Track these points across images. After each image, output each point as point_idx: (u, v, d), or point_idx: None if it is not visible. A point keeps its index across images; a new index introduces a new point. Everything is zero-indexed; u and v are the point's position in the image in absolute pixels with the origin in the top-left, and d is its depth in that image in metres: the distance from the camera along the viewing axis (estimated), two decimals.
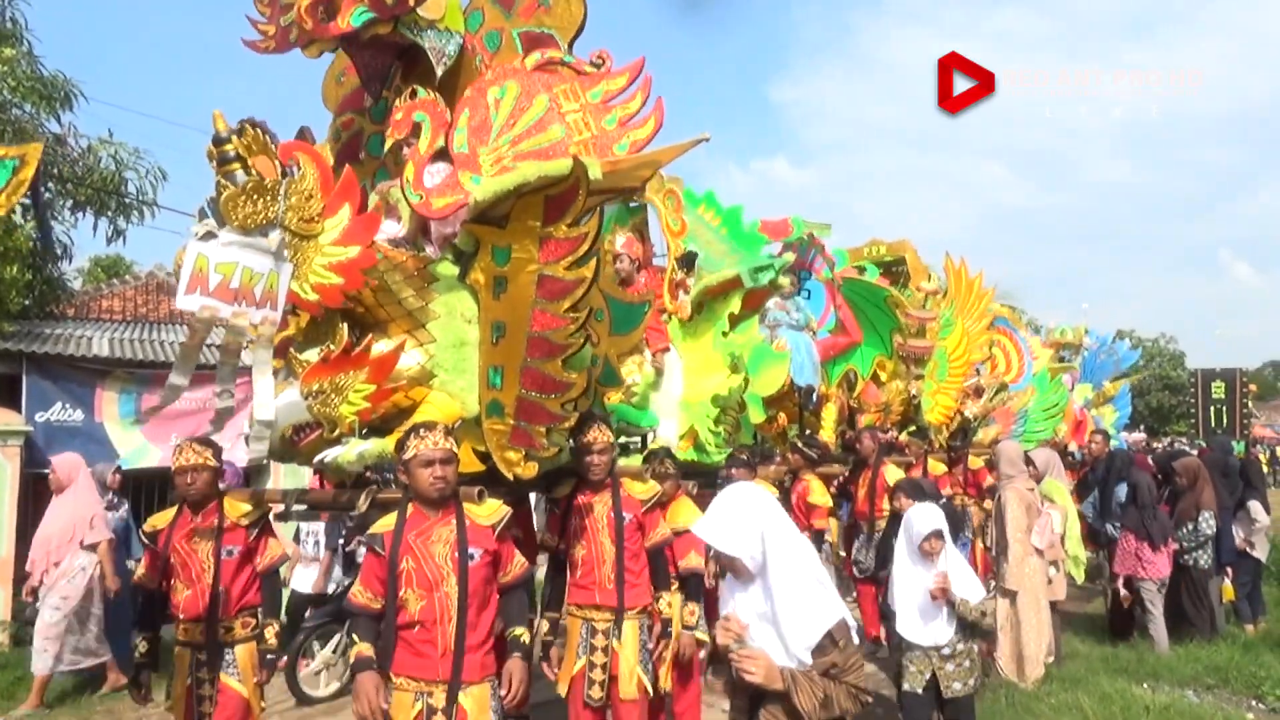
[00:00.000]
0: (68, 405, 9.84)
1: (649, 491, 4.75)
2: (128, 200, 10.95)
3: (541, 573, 5.14)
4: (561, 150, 3.68)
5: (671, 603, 4.85)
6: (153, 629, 4.57)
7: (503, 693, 3.51)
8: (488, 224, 3.81)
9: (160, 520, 4.58)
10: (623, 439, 5.93)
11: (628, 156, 3.71)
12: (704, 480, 6.71)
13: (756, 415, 6.82)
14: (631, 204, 6.82)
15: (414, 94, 3.97)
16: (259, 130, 3.69)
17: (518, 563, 3.68)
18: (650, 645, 4.67)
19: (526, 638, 3.61)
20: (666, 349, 6.30)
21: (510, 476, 3.98)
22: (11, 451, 9.09)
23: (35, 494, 8.59)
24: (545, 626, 4.66)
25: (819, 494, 7.19)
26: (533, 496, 5.71)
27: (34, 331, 10.17)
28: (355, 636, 3.47)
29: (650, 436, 6.06)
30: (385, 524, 3.51)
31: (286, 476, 9.81)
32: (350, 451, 3.67)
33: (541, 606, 4.81)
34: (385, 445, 3.71)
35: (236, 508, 4.50)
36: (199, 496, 4.44)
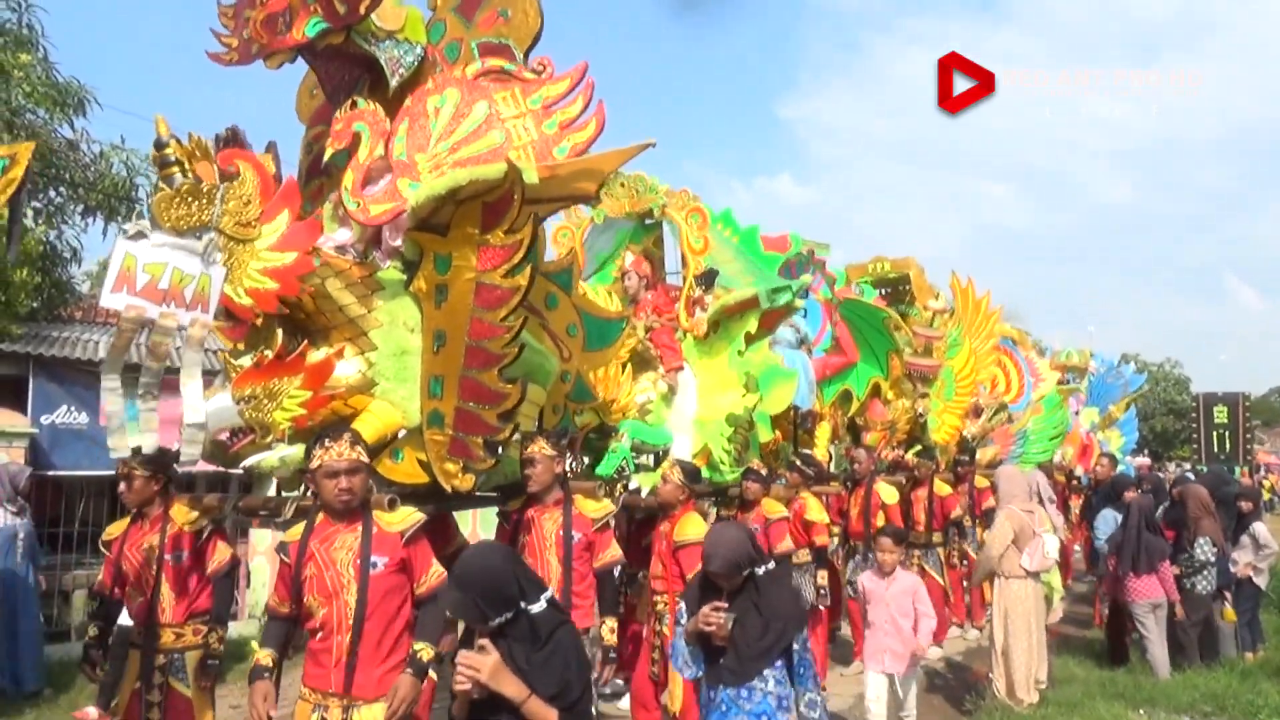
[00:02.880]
0: (73, 408, 9.91)
1: (601, 510, 4.69)
2: (138, 206, 11.07)
3: None
4: (500, 156, 3.66)
5: (614, 629, 4.71)
6: (105, 619, 4.70)
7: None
8: (429, 231, 3.80)
9: (115, 529, 4.67)
10: (637, 456, 5.90)
11: (567, 161, 3.68)
12: (716, 498, 6.68)
13: (764, 433, 6.78)
14: (647, 221, 6.82)
15: (354, 104, 3.97)
16: (235, 134, 3.76)
17: (434, 573, 3.53)
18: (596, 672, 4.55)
19: (427, 655, 3.42)
20: (681, 367, 6.30)
21: (449, 488, 3.95)
22: (16, 453, 9.15)
23: (38, 495, 8.67)
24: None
25: (816, 511, 7.14)
26: None
27: (41, 334, 10.29)
28: (257, 643, 3.41)
29: (663, 454, 6.02)
30: (295, 532, 3.45)
31: None
32: (273, 456, 3.66)
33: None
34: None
35: (184, 514, 4.50)
36: (134, 503, 4.48)
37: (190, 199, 3.43)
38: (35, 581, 7.03)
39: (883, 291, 10.03)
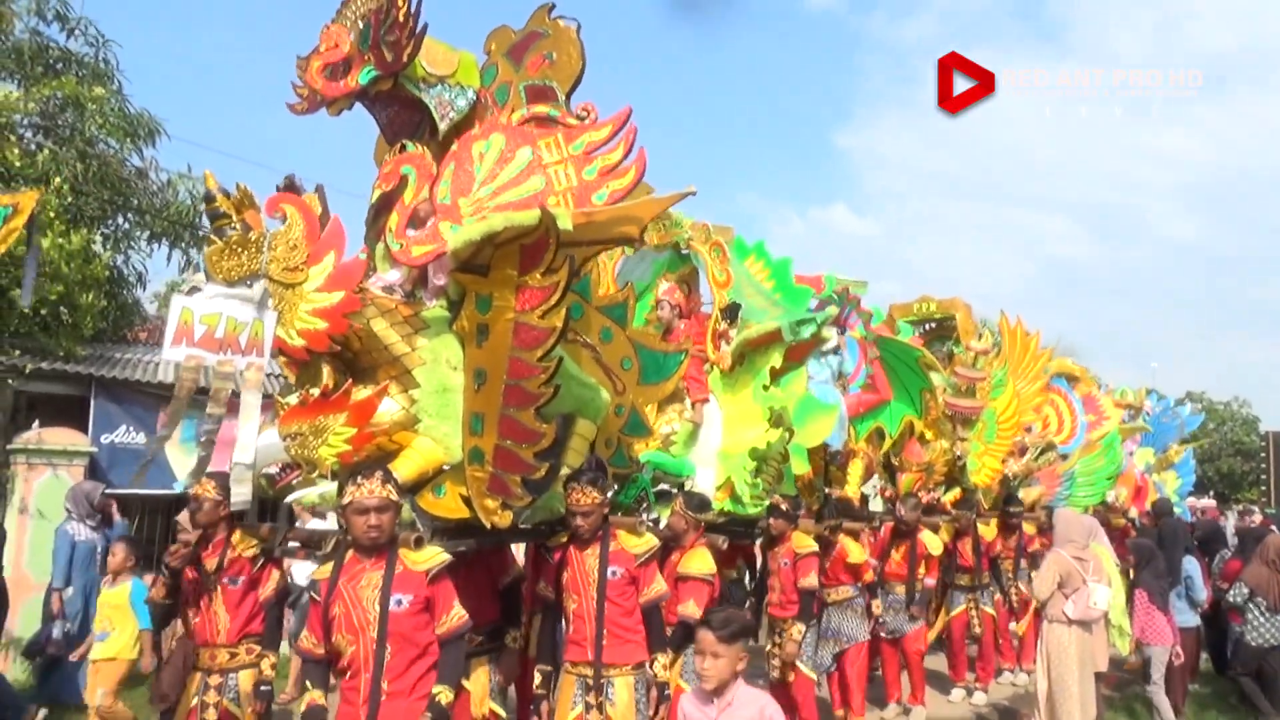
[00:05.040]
0: (131, 428, 10.18)
1: (644, 545, 4.63)
2: (202, 234, 11.46)
3: None
4: (539, 201, 3.72)
5: (666, 665, 4.67)
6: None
7: None
8: (471, 272, 3.89)
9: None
10: (660, 487, 5.93)
11: (605, 208, 3.74)
12: (741, 531, 6.68)
13: (800, 466, 6.76)
14: (683, 253, 6.88)
15: (403, 148, 4.09)
16: (290, 183, 3.95)
17: (455, 614, 3.61)
18: (645, 709, 4.54)
19: (446, 699, 3.48)
20: (706, 399, 6.29)
21: (488, 525, 4.00)
22: (76, 471, 9.46)
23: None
24: (538, 679, 4.61)
25: (856, 553, 7.16)
26: None
27: (104, 356, 10.65)
28: (309, 683, 3.49)
29: (687, 486, 6.04)
30: (324, 570, 3.56)
31: None
32: (314, 493, 3.77)
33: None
34: None
35: (244, 540, 4.70)
36: (202, 524, 4.67)
37: (239, 250, 3.61)
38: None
39: (925, 328, 9.94)
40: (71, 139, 10.47)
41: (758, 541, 7.15)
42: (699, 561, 5.32)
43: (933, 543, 8.02)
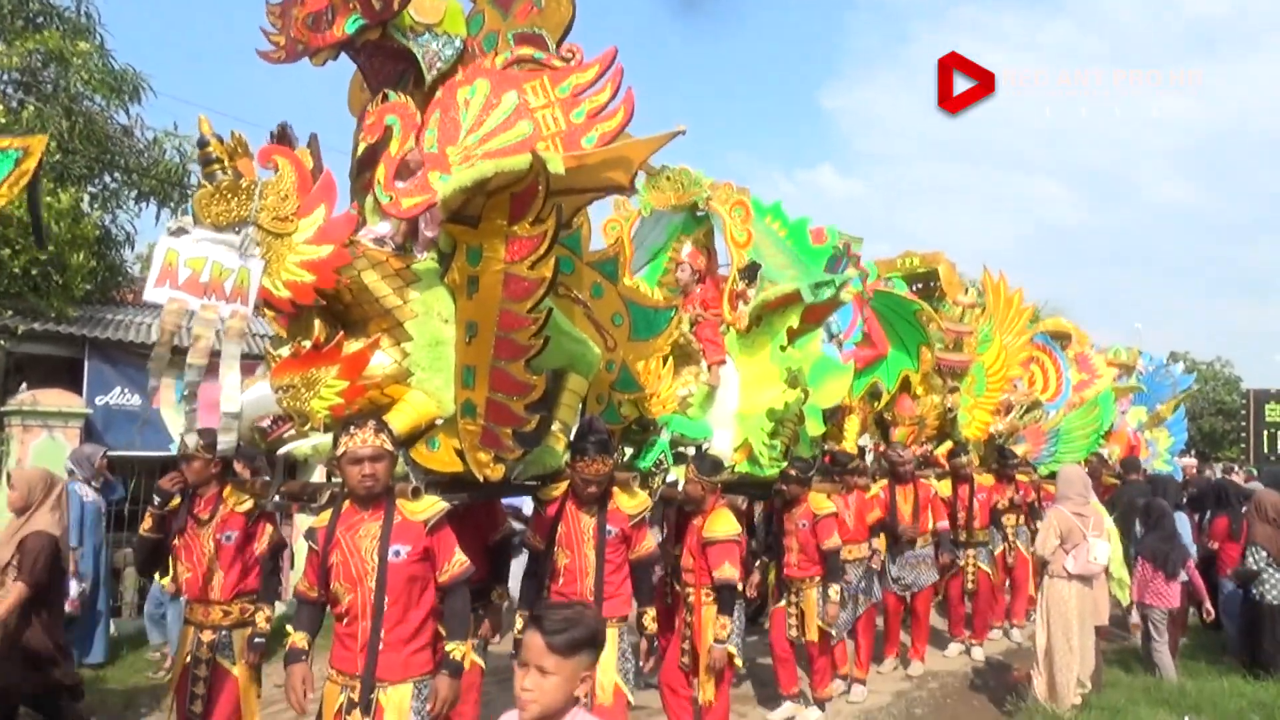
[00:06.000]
0: (126, 390, 10.14)
1: (638, 505, 4.72)
2: (190, 193, 11.32)
3: None
4: (528, 147, 3.66)
5: (654, 617, 4.82)
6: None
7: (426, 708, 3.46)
8: (461, 224, 3.85)
9: (174, 503, 4.80)
10: (678, 449, 5.95)
11: (595, 150, 3.69)
12: (758, 492, 6.70)
13: (815, 427, 6.81)
14: (698, 214, 6.84)
15: (385, 97, 4.02)
16: (284, 131, 3.88)
17: (456, 561, 3.63)
18: (632, 657, 4.66)
19: (460, 653, 3.54)
20: (723, 361, 6.31)
21: (481, 478, 4.01)
22: (71, 433, 9.45)
23: None
24: (520, 624, 4.67)
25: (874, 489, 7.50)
26: None
27: (96, 317, 10.56)
28: (290, 627, 3.54)
29: (704, 448, 6.06)
30: (323, 519, 3.58)
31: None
32: (306, 445, 3.76)
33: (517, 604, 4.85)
34: None
35: (236, 496, 4.69)
36: (193, 482, 4.65)
37: (229, 195, 3.55)
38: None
39: (915, 287, 9.94)
40: (55, 95, 10.28)
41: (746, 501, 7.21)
42: (723, 523, 5.38)
43: (939, 486, 8.21)
